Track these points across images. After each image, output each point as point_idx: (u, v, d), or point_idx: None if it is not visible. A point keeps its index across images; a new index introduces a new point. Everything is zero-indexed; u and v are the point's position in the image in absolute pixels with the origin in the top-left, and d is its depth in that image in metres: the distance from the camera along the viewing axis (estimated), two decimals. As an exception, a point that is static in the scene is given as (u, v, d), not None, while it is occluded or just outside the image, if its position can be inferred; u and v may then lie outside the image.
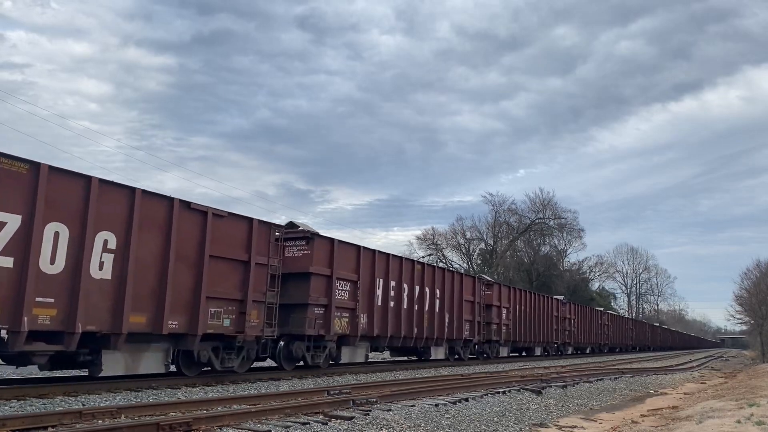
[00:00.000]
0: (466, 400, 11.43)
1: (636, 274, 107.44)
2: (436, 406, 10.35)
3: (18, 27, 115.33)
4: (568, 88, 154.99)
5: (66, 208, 9.94)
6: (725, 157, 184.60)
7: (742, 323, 73.61)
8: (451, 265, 63.89)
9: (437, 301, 22.03)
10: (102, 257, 10.45)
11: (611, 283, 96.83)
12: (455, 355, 24.52)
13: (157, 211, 11.53)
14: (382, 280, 18.74)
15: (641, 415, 12.01)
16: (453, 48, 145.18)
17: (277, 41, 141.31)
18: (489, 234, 69.41)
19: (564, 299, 39.82)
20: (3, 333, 9.23)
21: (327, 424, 8.10)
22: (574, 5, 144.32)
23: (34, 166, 9.49)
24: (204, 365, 13.00)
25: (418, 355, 23.27)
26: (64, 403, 9.28)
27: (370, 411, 9.21)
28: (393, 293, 19.28)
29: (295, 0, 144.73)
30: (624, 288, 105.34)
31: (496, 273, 62.44)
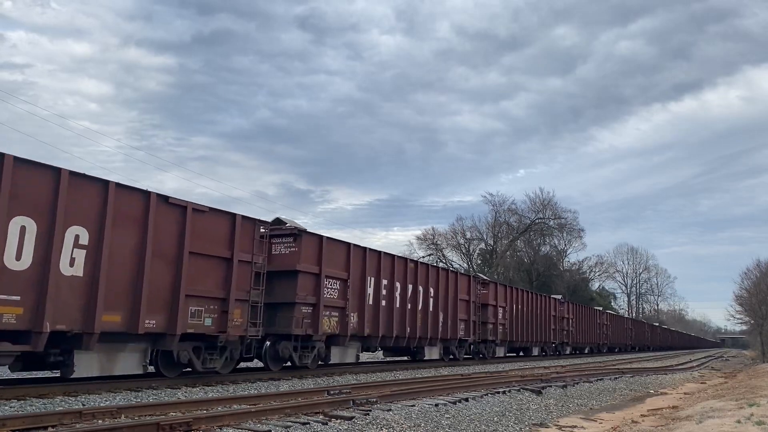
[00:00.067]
0: (466, 400, 11.44)
1: (636, 274, 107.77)
2: (436, 406, 10.34)
3: (18, 27, 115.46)
4: (568, 88, 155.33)
5: (33, 202, 9.50)
6: (725, 157, 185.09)
7: (742, 323, 73.65)
8: (451, 265, 63.78)
9: (431, 300, 21.60)
10: (73, 253, 10.02)
11: (611, 283, 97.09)
12: (450, 356, 24.13)
13: (133, 205, 11.13)
14: (373, 279, 18.33)
15: (641, 414, 11.97)
16: (453, 48, 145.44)
17: (277, 41, 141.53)
18: (489, 234, 69.50)
19: (562, 298, 39.30)
20: None
21: (327, 424, 8.12)
22: (574, 5, 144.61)
23: (-3, 157, 9.06)
24: (185, 366, 12.61)
25: (411, 356, 22.86)
26: (64, 403, 9.26)
27: (370, 411, 9.23)
28: (385, 292, 18.85)
29: (295, 0, 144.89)
30: (624, 288, 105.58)
31: (496, 273, 62.27)
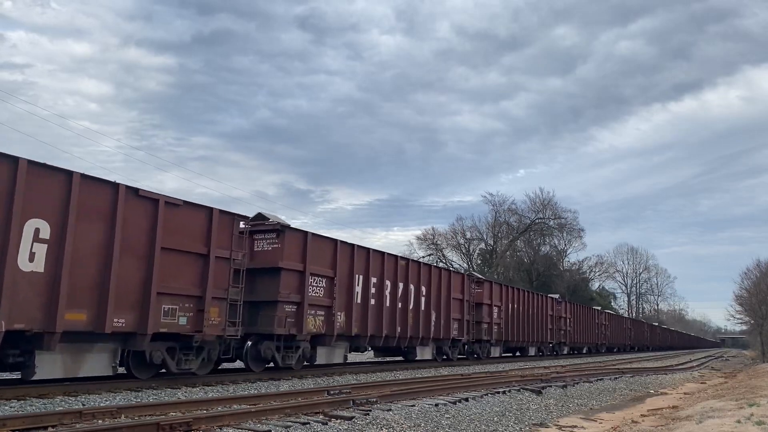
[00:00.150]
0: (466, 400, 11.44)
1: (636, 274, 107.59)
2: (436, 405, 10.35)
3: (18, 27, 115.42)
4: (568, 88, 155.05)
5: (-14, 193, 8.88)
6: (725, 157, 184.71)
7: (742, 323, 73.51)
8: (451, 265, 63.86)
9: (423, 298, 21.10)
10: (33, 248, 9.46)
11: (611, 283, 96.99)
12: (443, 356, 23.58)
13: (100, 197, 10.57)
14: (361, 277, 17.80)
15: (641, 414, 11.96)
16: (453, 48, 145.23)
17: (277, 41, 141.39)
18: (489, 234, 69.59)
19: (559, 298, 38.68)
20: None
21: (327, 424, 8.11)
22: (574, 5, 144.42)
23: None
24: (158, 367, 12.10)
25: (403, 356, 22.35)
26: (64, 403, 9.23)
27: (370, 411, 9.22)
28: (374, 290, 18.34)
29: (295, 0, 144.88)
30: (624, 288, 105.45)
31: (496, 273, 62.42)
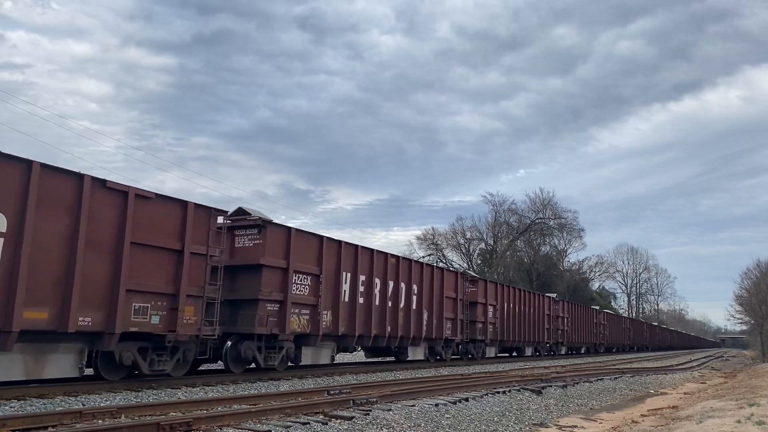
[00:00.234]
0: (466, 400, 11.46)
1: (636, 274, 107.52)
2: (437, 405, 10.36)
3: (18, 27, 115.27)
4: (568, 88, 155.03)
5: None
6: (725, 157, 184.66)
7: (742, 323, 73.55)
8: (451, 265, 63.81)
9: (414, 297, 20.55)
10: None
11: (611, 283, 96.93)
12: (436, 356, 22.96)
13: (63, 189, 10.07)
14: (349, 274, 17.26)
15: (641, 414, 11.97)
16: (453, 48, 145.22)
17: (277, 41, 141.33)
18: (489, 234, 69.54)
19: (556, 297, 38.09)
20: None
21: (327, 424, 8.11)
22: (574, 5, 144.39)
23: None
24: (129, 368, 11.61)
25: (394, 356, 21.77)
26: (64, 403, 9.23)
27: (370, 411, 9.23)
28: (363, 288, 17.80)
29: (295, 0, 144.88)
30: (624, 288, 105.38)
31: (496, 273, 62.36)
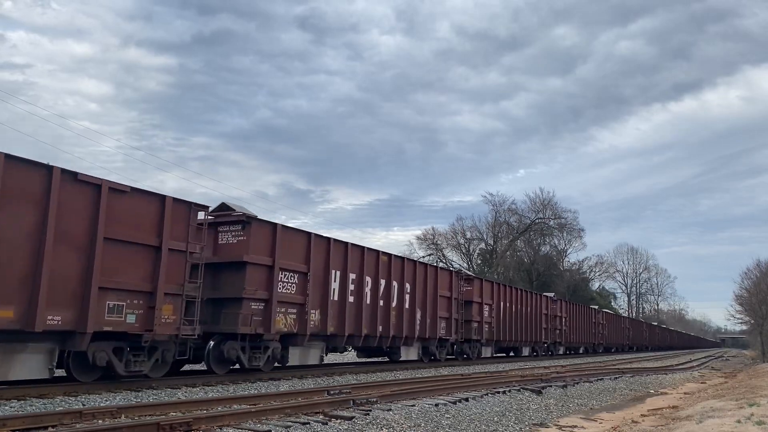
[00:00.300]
0: (466, 399, 11.45)
1: (636, 273, 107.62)
2: (437, 405, 10.35)
3: (19, 27, 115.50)
4: (568, 88, 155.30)
5: None
6: (725, 157, 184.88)
7: (742, 323, 73.69)
8: (451, 264, 63.85)
9: (407, 296, 20.03)
10: None
11: (611, 283, 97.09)
12: (430, 356, 22.47)
13: (30, 181, 9.63)
14: (338, 272, 16.71)
15: (641, 414, 12.01)
16: (453, 48, 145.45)
17: (277, 41, 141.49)
18: (489, 234, 69.66)
19: (554, 296, 37.53)
20: None
21: (327, 424, 8.10)
22: (574, 5, 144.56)
23: None
24: (104, 369, 11.12)
25: (386, 356, 21.25)
26: (64, 403, 9.22)
27: (371, 411, 9.22)
28: (353, 287, 17.26)
29: (295, 0, 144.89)
30: (624, 288, 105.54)
31: (496, 273, 62.49)
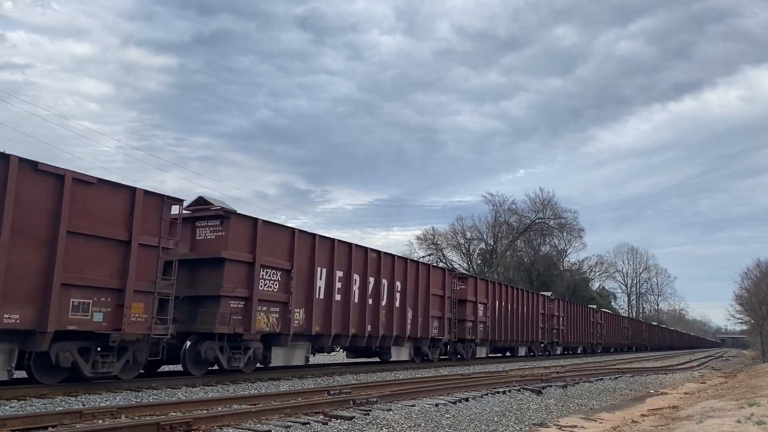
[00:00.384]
0: (467, 399, 11.46)
1: (636, 273, 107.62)
2: (437, 405, 10.36)
3: (19, 27, 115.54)
4: (568, 88, 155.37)
5: None
6: (725, 157, 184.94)
7: (742, 323, 73.78)
8: (451, 264, 63.89)
9: (397, 294, 19.51)
10: None
11: (611, 283, 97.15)
12: (422, 356, 21.95)
13: None
14: (325, 270, 16.23)
15: (641, 414, 12.03)
16: (453, 48, 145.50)
17: (277, 41, 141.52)
18: (489, 234, 69.70)
19: (551, 295, 37.05)
20: None
21: (327, 424, 8.11)
22: (574, 5, 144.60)
23: None
24: (69, 370, 10.59)
25: (377, 356, 20.80)
26: (64, 403, 9.22)
27: (371, 411, 9.23)
28: (340, 285, 16.73)
29: (295, 0, 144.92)
30: (624, 288, 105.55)
31: (496, 273, 62.52)
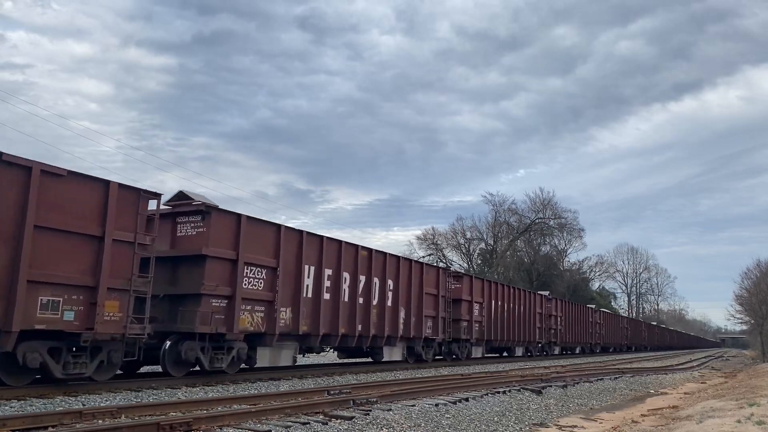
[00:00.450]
0: (467, 399, 11.46)
1: (636, 273, 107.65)
2: (437, 405, 10.37)
3: (19, 27, 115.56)
4: (568, 88, 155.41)
5: None
6: (725, 157, 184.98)
7: (742, 323, 73.91)
8: (452, 264, 63.90)
9: (390, 293, 19.07)
10: None
11: (611, 283, 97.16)
12: (416, 357, 21.52)
13: None
14: (313, 268, 15.80)
15: (641, 414, 12.03)
16: (453, 48, 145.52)
17: (277, 41, 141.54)
18: (489, 234, 69.69)
19: (549, 295, 36.59)
20: None
21: (327, 424, 8.11)
22: (574, 5, 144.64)
23: None
24: (37, 371, 10.18)
25: (369, 357, 20.40)
26: (64, 403, 9.24)
27: (371, 411, 9.23)
28: (329, 283, 16.34)
29: (295, 0, 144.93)
30: (624, 288, 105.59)
31: (496, 273, 62.50)
